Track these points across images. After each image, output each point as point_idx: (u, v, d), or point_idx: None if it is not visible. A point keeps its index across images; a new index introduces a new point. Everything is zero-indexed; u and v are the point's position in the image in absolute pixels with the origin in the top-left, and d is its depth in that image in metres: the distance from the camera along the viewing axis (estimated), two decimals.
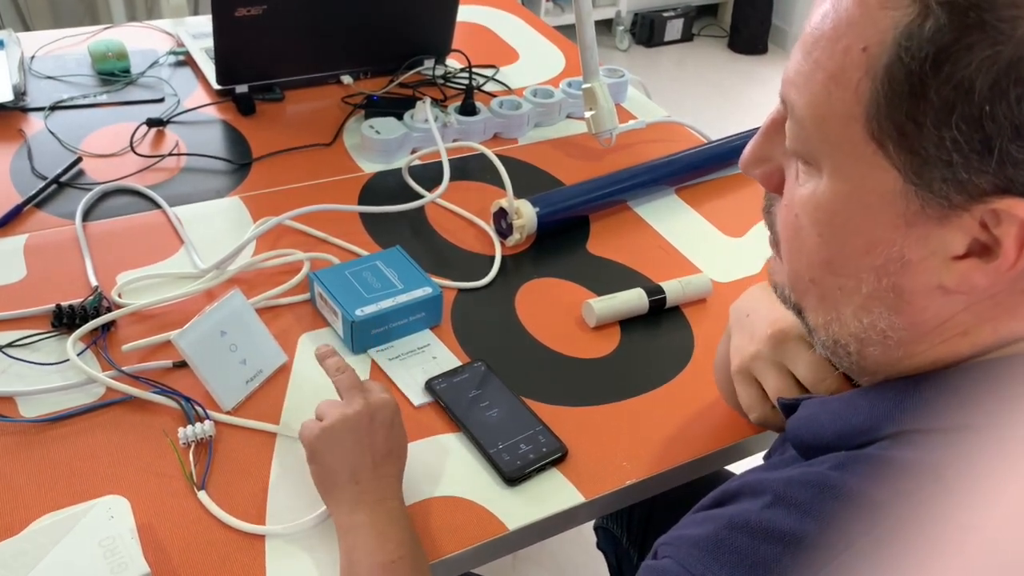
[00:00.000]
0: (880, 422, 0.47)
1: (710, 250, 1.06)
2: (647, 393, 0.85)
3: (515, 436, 0.77)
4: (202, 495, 0.70)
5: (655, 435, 0.80)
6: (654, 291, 0.94)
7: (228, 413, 0.78)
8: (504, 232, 1.03)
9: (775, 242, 0.54)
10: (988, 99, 0.39)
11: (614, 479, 0.76)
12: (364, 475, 0.66)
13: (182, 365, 0.81)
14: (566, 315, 0.94)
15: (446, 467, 0.75)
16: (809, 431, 0.53)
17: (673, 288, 0.95)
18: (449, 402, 0.80)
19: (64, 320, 0.84)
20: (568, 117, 1.32)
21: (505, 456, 0.75)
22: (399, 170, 1.13)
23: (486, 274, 0.98)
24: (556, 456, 0.76)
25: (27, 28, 2.70)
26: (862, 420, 0.48)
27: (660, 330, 0.93)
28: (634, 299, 0.93)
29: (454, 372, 0.83)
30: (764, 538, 0.45)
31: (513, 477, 0.74)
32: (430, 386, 0.82)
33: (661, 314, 0.95)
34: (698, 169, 1.18)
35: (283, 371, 0.83)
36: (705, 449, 0.79)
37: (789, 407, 0.57)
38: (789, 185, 0.51)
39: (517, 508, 0.73)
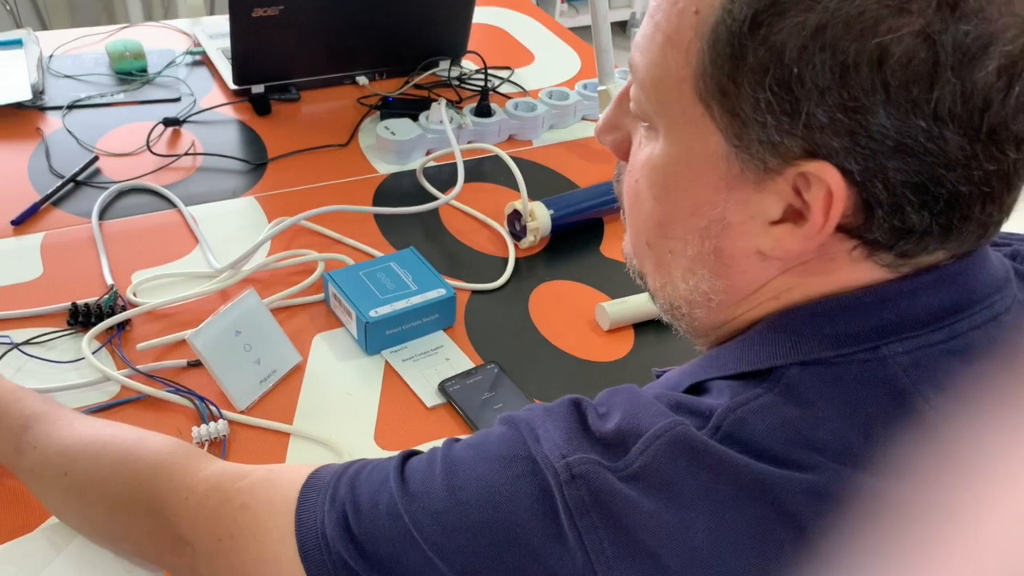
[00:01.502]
0: (684, 379, 0.50)
1: None
2: None
3: None
4: None
5: None
6: None
7: (242, 413, 0.78)
8: (518, 234, 1.03)
9: (622, 210, 0.56)
10: (796, 62, 0.40)
11: None
12: None
13: (196, 364, 0.81)
14: (579, 318, 0.94)
15: None
16: None
17: None
18: (462, 404, 0.80)
19: (80, 318, 0.84)
20: (583, 119, 1.31)
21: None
22: (414, 171, 1.13)
23: (500, 276, 0.98)
24: None
25: (44, 27, 2.72)
26: (677, 380, 0.51)
27: (674, 334, 0.93)
28: (648, 302, 0.92)
29: (467, 374, 0.83)
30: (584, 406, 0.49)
31: None
32: (443, 388, 0.82)
33: None
34: None
35: (297, 371, 0.83)
36: None
37: (659, 377, 0.60)
38: (633, 151, 0.53)
39: None
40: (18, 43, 1.30)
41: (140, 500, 0.58)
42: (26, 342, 0.82)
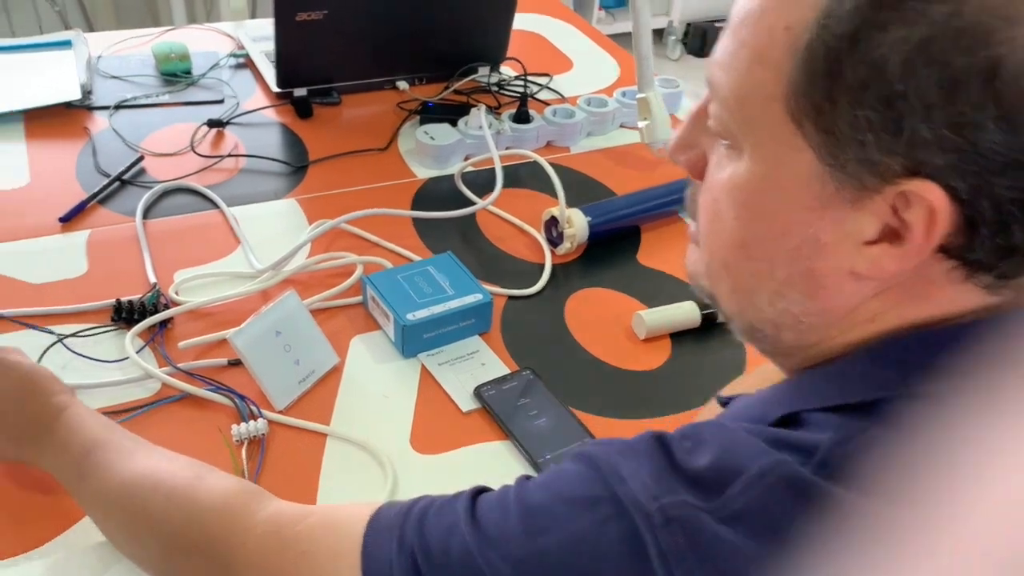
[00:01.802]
0: (772, 408, 0.48)
1: None
2: (697, 408, 0.84)
3: (562, 446, 0.77)
4: None
5: None
6: (706, 304, 0.93)
7: (281, 412, 0.79)
8: (555, 240, 1.03)
9: (697, 230, 0.54)
10: (900, 78, 0.39)
11: None
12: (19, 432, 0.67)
13: (237, 363, 0.82)
14: (615, 326, 0.93)
15: (493, 474, 0.75)
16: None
17: None
18: (497, 409, 0.80)
19: (123, 315, 0.85)
20: (622, 127, 1.31)
21: (552, 466, 0.75)
22: (452, 176, 1.14)
23: (536, 282, 0.98)
24: None
25: (91, 29, 2.77)
26: (762, 410, 0.49)
27: (712, 344, 0.92)
28: (685, 312, 0.92)
29: (502, 379, 0.84)
30: (675, 446, 0.47)
31: None
32: (478, 393, 0.82)
33: (713, 328, 0.94)
34: None
35: (335, 372, 0.84)
36: None
37: (725, 403, 0.58)
38: (711, 170, 0.51)
39: None
40: (67, 44, 1.33)
41: (196, 541, 0.57)
42: (69, 336, 0.84)
